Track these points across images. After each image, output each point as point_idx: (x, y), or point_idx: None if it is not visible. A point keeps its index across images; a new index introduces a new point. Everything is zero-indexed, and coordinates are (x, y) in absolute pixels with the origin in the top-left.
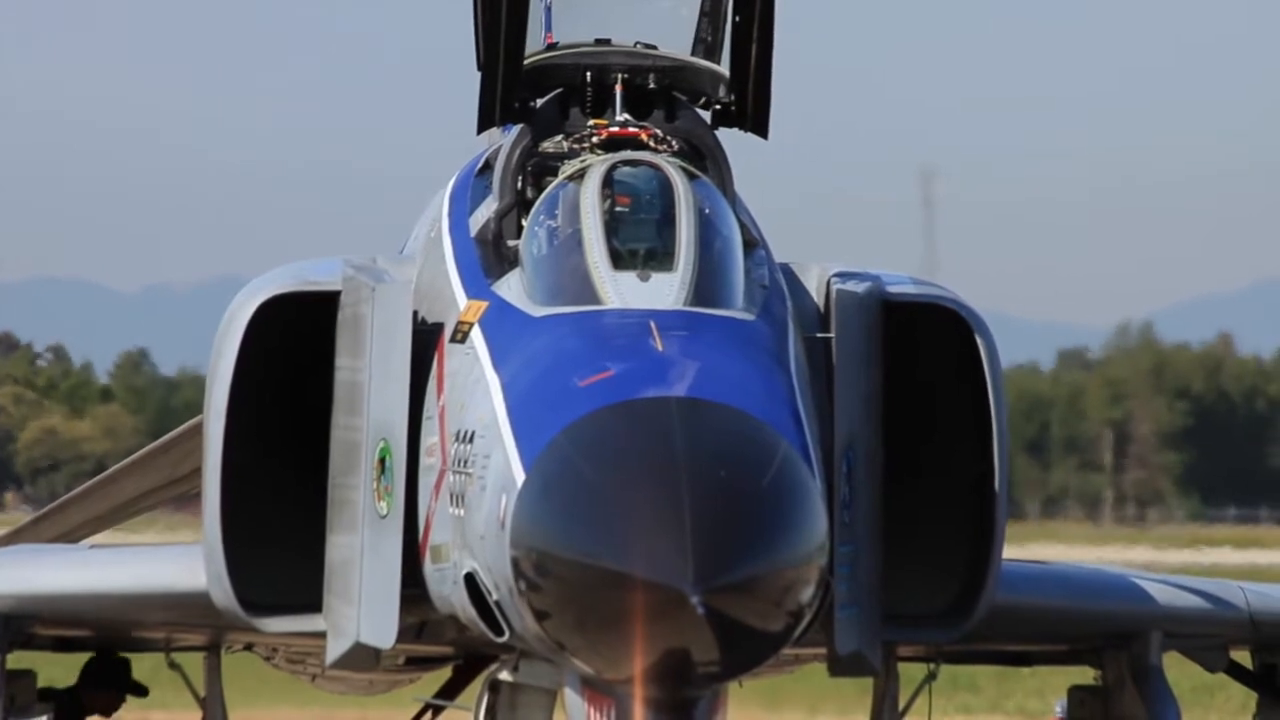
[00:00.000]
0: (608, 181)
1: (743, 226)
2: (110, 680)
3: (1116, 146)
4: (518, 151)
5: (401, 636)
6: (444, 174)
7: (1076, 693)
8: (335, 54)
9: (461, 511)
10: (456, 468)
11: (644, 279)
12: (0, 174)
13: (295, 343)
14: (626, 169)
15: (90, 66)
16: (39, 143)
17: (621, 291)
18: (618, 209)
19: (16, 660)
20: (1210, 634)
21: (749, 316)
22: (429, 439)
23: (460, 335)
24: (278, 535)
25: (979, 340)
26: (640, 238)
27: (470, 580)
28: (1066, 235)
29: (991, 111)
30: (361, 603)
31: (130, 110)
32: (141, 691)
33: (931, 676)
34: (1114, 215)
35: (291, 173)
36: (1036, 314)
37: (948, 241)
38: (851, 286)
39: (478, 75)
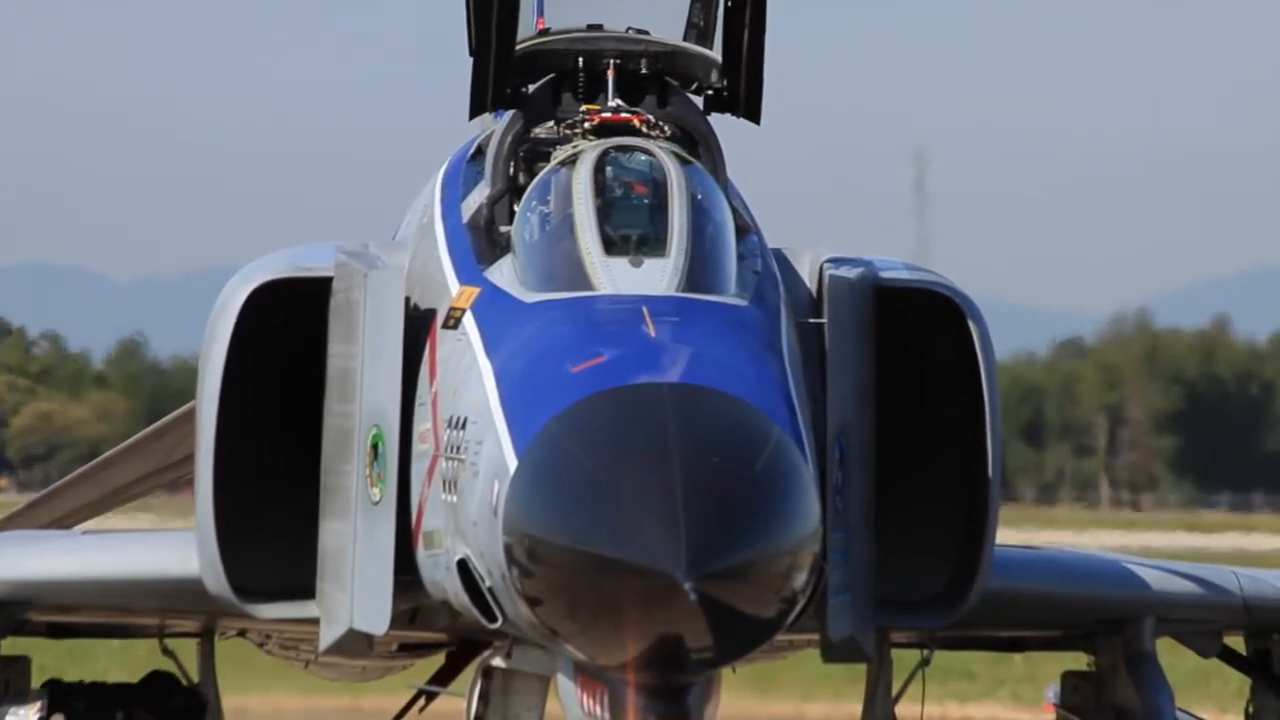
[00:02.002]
0: (600, 167)
1: (735, 212)
2: (162, 702)
3: (1111, 134)
4: (510, 137)
5: (394, 623)
6: (436, 160)
7: (1070, 678)
8: (327, 41)
9: (454, 498)
10: (449, 454)
11: (636, 265)
12: None
13: (288, 329)
14: (619, 155)
15: (83, 55)
16: (33, 131)
17: (614, 277)
18: (610, 195)
19: (10, 646)
20: (1204, 619)
21: (741, 302)
22: (421, 425)
23: (452, 321)
24: (271, 521)
25: (972, 326)
26: (632, 223)
27: (463, 566)
28: (1061, 222)
29: (987, 100)
30: (354, 589)
31: (125, 99)
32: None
33: (925, 662)
34: (1109, 202)
35: (284, 160)
36: (1032, 301)
37: (942, 228)
38: (844, 272)
39: (470, 61)
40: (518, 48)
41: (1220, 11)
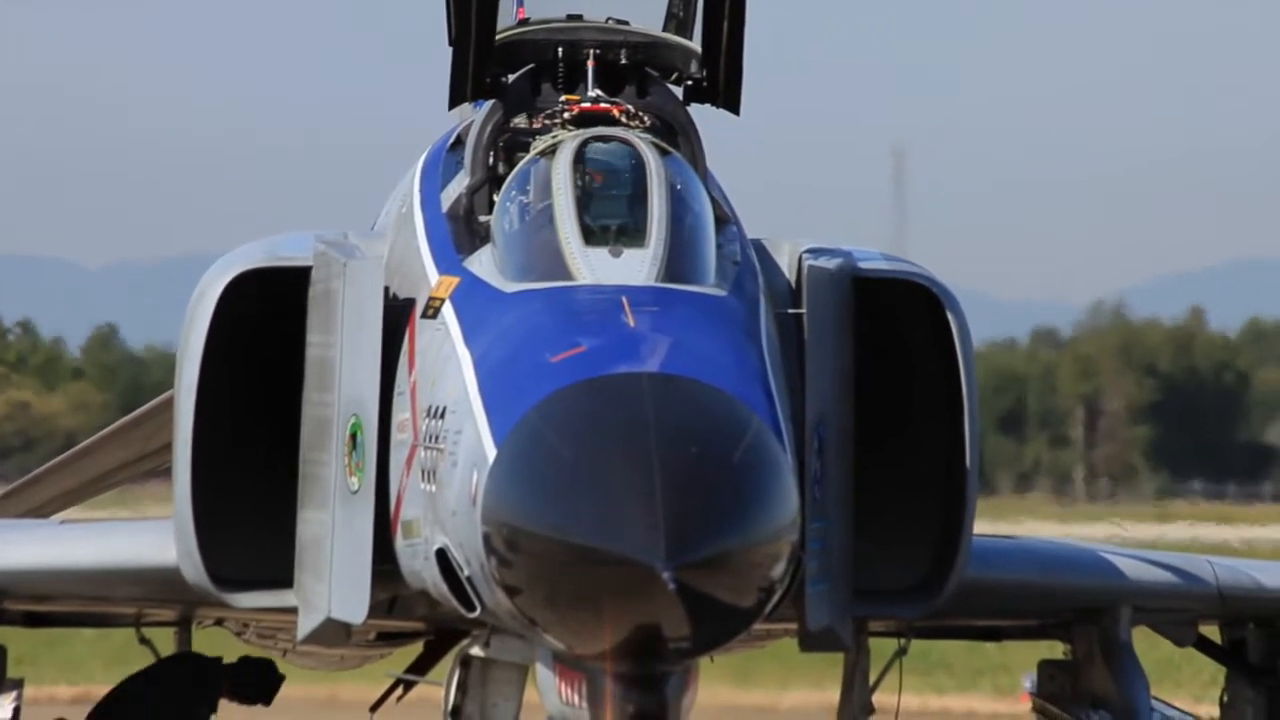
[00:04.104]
0: (579, 157)
1: (714, 202)
2: (256, 685)
3: (1088, 127)
4: (489, 127)
5: (373, 612)
6: (416, 149)
7: (1046, 667)
8: (304, 28)
9: (433, 487)
10: (428, 443)
11: (616, 255)
12: None
13: (266, 318)
14: (598, 145)
15: (55, 40)
16: (3, 117)
17: (593, 267)
18: (589, 185)
19: None
20: (1179, 609)
21: (720, 292)
22: (400, 415)
23: (432, 311)
24: (249, 511)
25: (950, 316)
26: (612, 214)
27: (442, 556)
28: (1038, 213)
29: (965, 92)
30: (333, 578)
31: (97, 83)
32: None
33: (902, 651)
34: (1085, 193)
35: (262, 148)
36: (1009, 291)
37: (921, 219)
38: (823, 262)
39: (449, 50)
40: (497, 38)
41: (1197, 7)
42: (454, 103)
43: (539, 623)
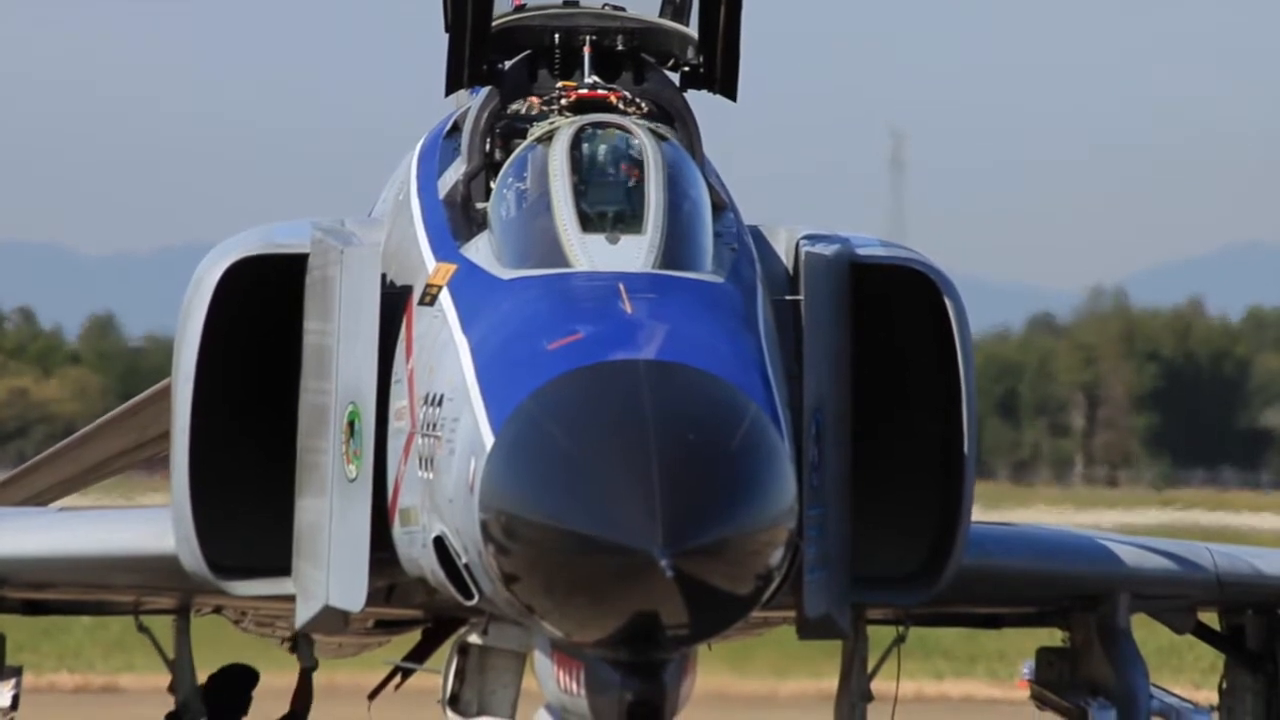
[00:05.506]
0: (576, 144)
1: (711, 189)
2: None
3: (1088, 111)
4: (486, 114)
5: (370, 600)
6: (412, 136)
7: (1044, 654)
8: (303, 12)
9: (431, 475)
10: (425, 431)
11: (613, 241)
12: None
13: (263, 306)
14: (595, 131)
15: (52, 26)
16: (1, 104)
17: (590, 254)
18: (586, 171)
19: None
20: (1178, 595)
21: (717, 279)
22: (398, 402)
23: (429, 298)
24: (247, 498)
25: (948, 303)
26: (609, 200)
27: (439, 543)
28: (1037, 199)
29: (962, 76)
30: (330, 566)
31: (96, 71)
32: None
33: (900, 639)
34: (1084, 179)
35: (259, 135)
36: (1008, 277)
37: (918, 205)
38: (820, 249)
39: (446, 37)
40: (494, 24)
41: None
42: (450, 89)
43: (537, 610)
